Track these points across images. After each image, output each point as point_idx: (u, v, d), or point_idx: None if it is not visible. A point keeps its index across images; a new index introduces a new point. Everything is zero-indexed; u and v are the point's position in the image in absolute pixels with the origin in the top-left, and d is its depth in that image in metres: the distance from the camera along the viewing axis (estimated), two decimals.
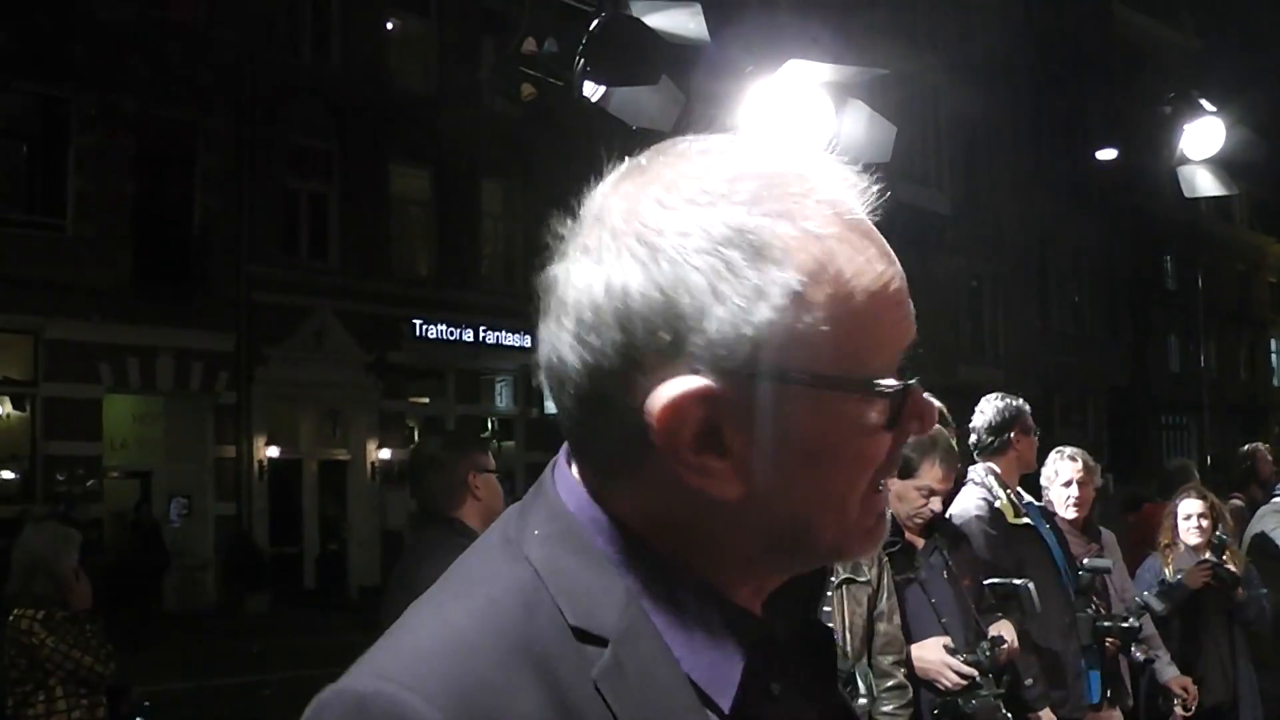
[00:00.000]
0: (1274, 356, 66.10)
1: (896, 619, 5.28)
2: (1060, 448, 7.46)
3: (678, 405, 1.27)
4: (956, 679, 5.38)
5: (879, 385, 1.31)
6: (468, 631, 1.28)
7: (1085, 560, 6.84)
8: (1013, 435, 6.73)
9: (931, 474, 5.65)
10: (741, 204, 1.28)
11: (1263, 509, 9.48)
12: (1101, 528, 7.63)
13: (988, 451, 6.77)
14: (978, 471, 6.76)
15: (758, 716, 1.33)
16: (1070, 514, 7.23)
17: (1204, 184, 10.32)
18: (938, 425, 6.11)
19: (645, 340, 1.27)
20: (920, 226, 38.16)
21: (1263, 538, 9.00)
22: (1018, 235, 43.37)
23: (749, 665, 1.32)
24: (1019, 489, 6.91)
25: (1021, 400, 6.89)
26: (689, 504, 1.32)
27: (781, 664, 1.38)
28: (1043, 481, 7.37)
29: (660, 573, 1.33)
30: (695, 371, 1.27)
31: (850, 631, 5.11)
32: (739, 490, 1.31)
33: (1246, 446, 11.74)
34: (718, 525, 1.34)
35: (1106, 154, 18.67)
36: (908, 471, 5.68)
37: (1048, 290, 46.73)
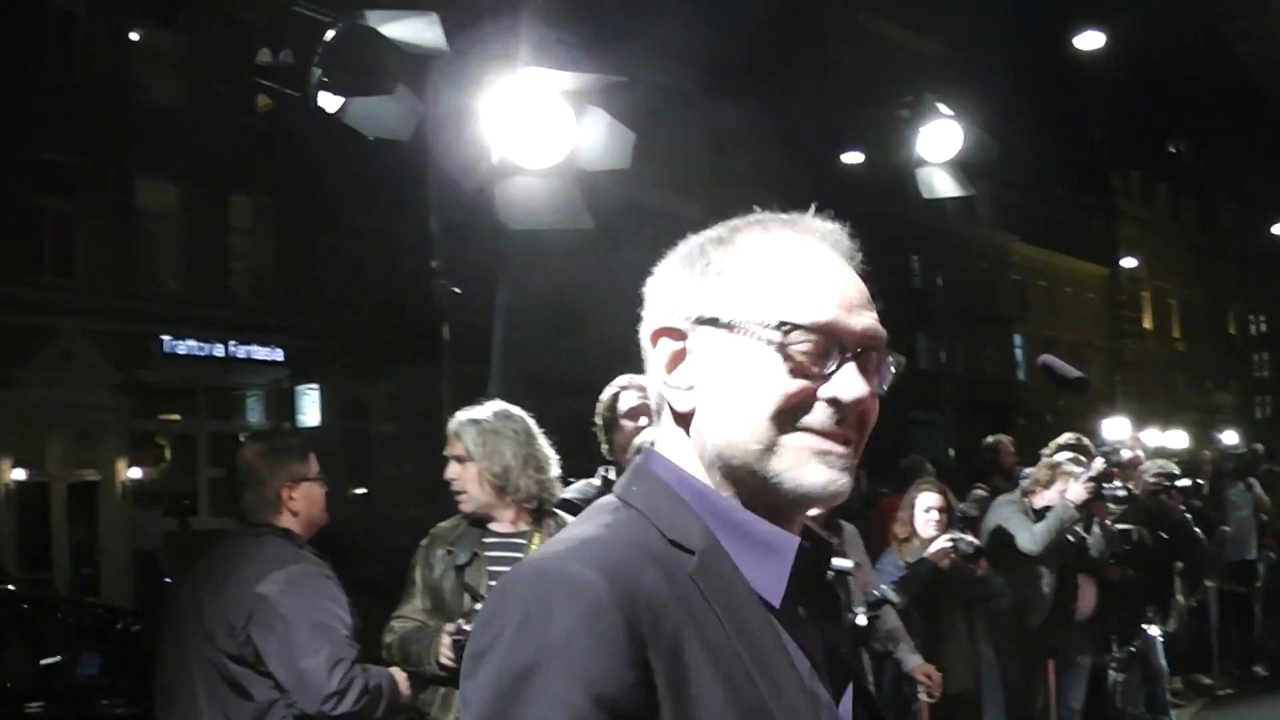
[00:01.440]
0: (1018, 352, 67.82)
1: None
2: None
3: (656, 332, 2.14)
4: None
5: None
6: (603, 536, 1.87)
7: (836, 562, 6.95)
8: None
9: None
10: None
11: (999, 499, 9.76)
12: (842, 522, 7.75)
13: None
14: None
15: (793, 622, 1.93)
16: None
17: (941, 185, 10.52)
18: None
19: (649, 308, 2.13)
20: (671, 233, 38.41)
21: (1001, 530, 9.25)
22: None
23: (790, 580, 1.92)
24: None
25: None
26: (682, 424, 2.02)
27: (805, 599, 1.98)
28: None
29: (721, 511, 1.93)
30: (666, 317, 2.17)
31: None
32: (690, 404, 2.01)
33: (990, 439, 12.06)
34: (716, 461, 1.96)
35: (852, 158, 18.92)
36: None
37: None
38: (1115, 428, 16.03)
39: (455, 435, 5.56)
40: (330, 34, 6.62)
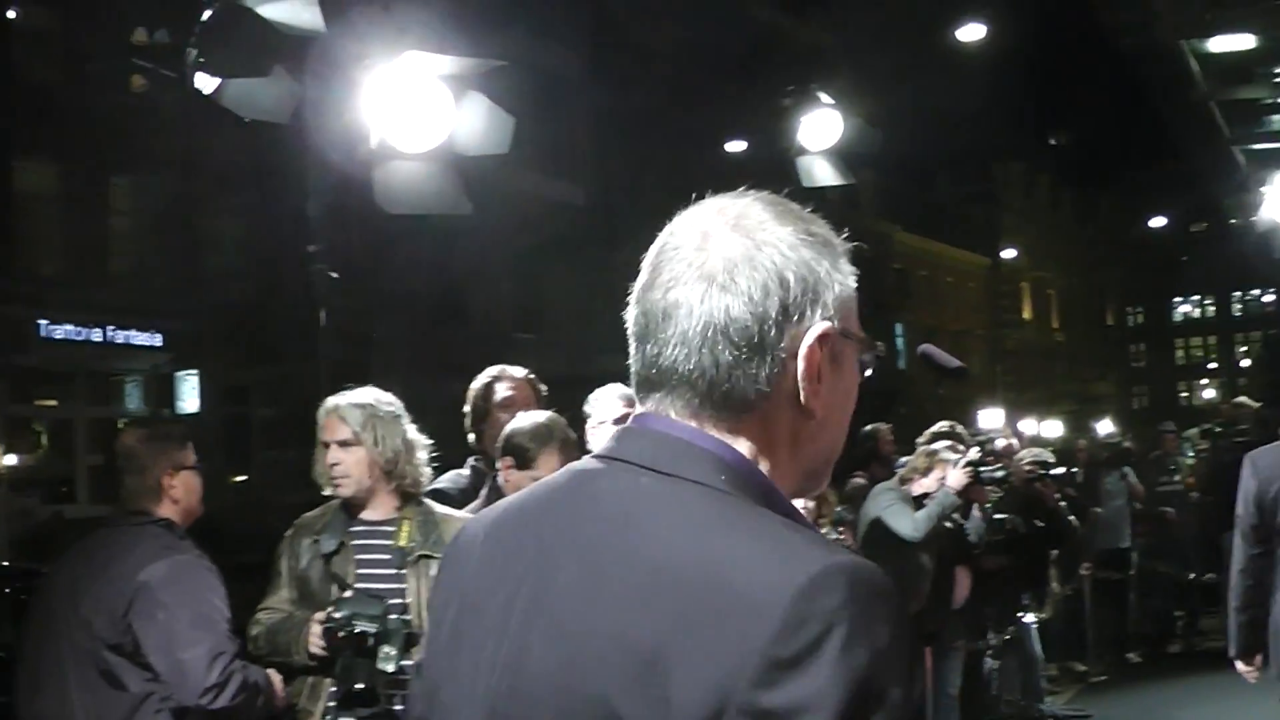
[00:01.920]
0: (899, 341, 68.41)
1: None
2: None
3: (825, 335, 1.89)
4: None
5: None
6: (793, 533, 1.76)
7: None
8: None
9: (550, 464, 5.61)
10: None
11: (877, 487, 9.82)
12: None
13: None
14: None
15: None
16: None
17: (822, 174, 10.58)
18: (553, 414, 6.15)
19: (797, 298, 1.87)
20: (554, 218, 38.42)
21: (880, 518, 9.31)
22: (650, 225, 43.79)
23: None
24: None
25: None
26: (790, 426, 1.91)
27: None
28: None
29: (768, 489, 1.86)
30: (828, 319, 1.90)
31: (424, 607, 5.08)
32: (822, 412, 1.92)
33: (868, 427, 12.13)
34: (801, 447, 1.93)
35: (735, 145, 18.96)
36: (525, 462, 5.71)
37: None
38: (990, 417, 16.20)
39: (340, 419, 5.45)
40: (207, 14, 6.53)
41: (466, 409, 6.70)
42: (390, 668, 5.01)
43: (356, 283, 25.02)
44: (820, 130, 10.45)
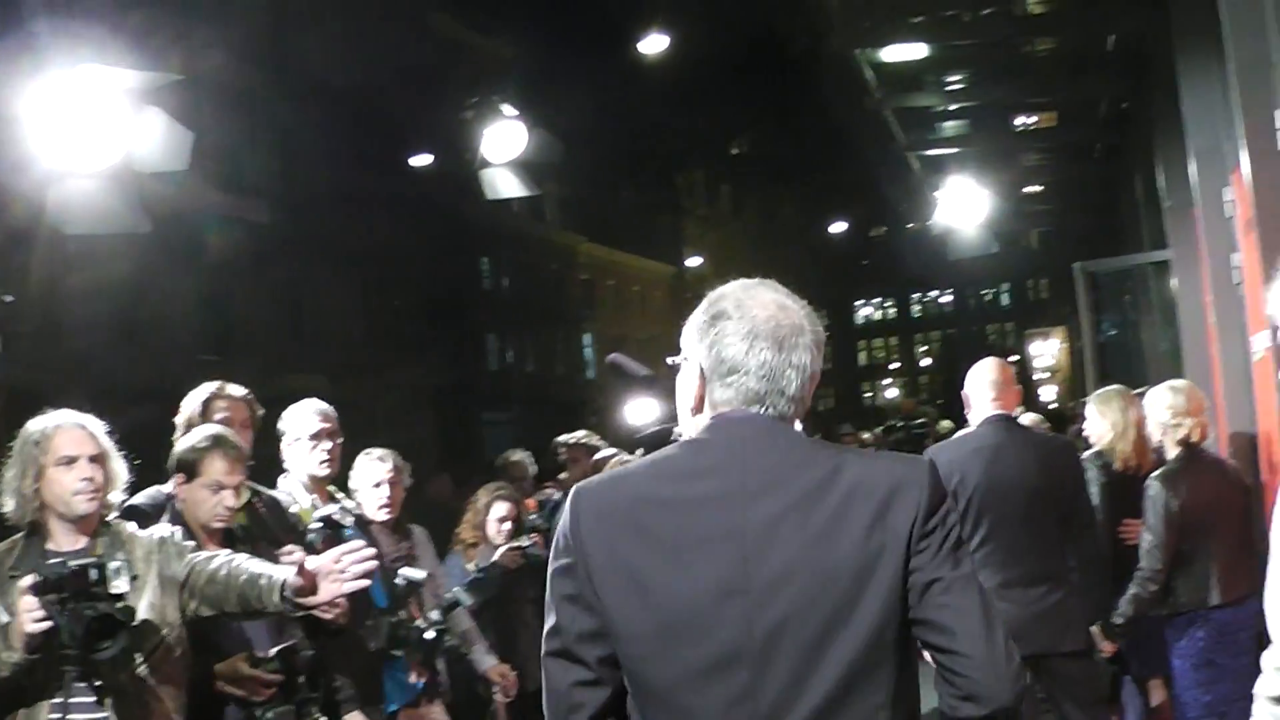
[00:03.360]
0: (588, 351, 68.84)
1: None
2: (369, 450, 7.50)
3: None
4: (263, 690, 5.35)
5: None
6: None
7: (401, 570, 6.92)
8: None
9: (215, 468, 5.63)
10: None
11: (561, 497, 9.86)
12: (412, 525, 7.75)
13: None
14: (286, 479, 6.82)
15: None
16: (382, 515, 7.31)
17: (506, 186, 10.61)
18: (218, 426, 6.07)
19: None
20: (240, 236, 37.77)
21: None
22: (338, 243, 43.47)
23: None
24: (332, 490, 6.99)
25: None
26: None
27: None
28: (351, 484, 7.39)
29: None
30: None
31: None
32: None
33: (561, 437, 12.21)
34: None
35: (422, 160, 18.89)
36: (192, 473, 5.62)
37: (369, 296, 47.07)
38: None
39: (91, 435, 5.21)
40: None
41: (180, 423, 6.52)
42: (125, 587, 4.82)
43: (34, 306, 24.34)
44: (503, 142, 10.48)
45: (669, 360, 3.41)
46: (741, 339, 3.12)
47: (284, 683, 5.38)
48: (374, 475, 7.34)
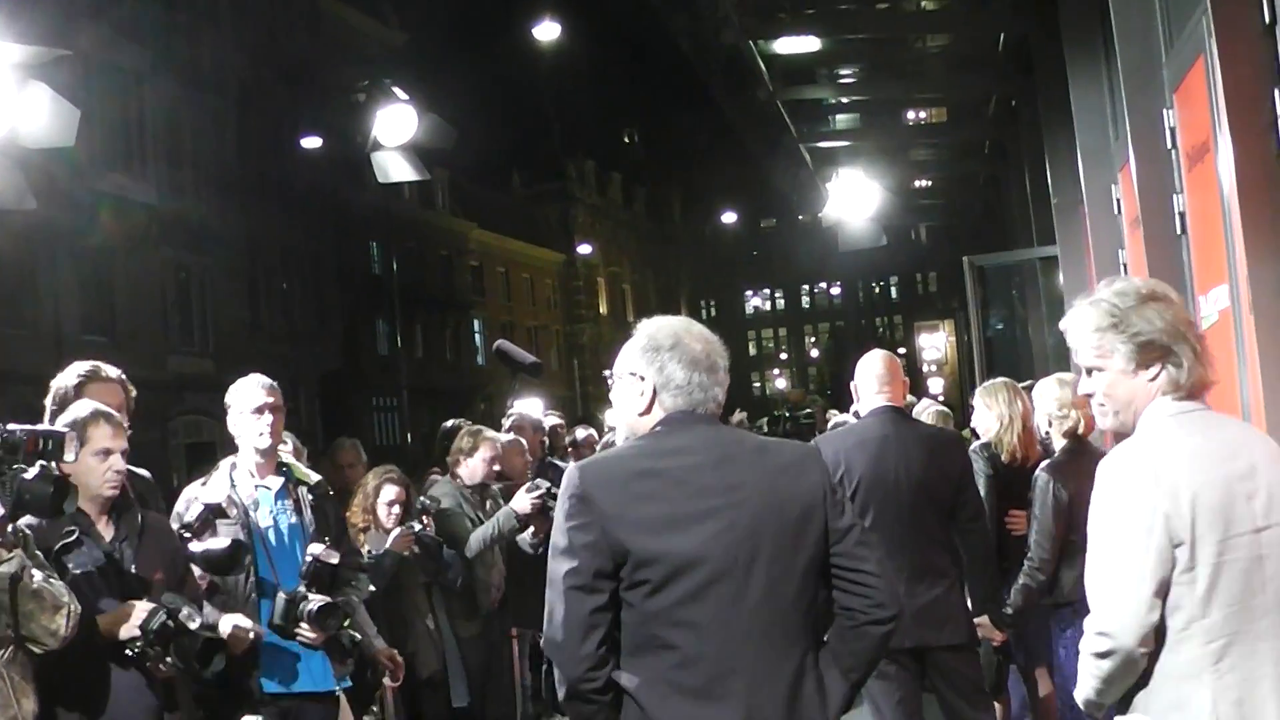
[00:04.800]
0: (478, 337, 68.71)
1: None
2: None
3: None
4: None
5: None
6: None
7: (313, 548, 6.84)
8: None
9: (101, 434, 5.58)
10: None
11: (444, 480, 9.80)
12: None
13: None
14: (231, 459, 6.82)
15: None
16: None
17: (397, 170, 10.55)
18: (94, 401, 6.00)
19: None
20: (125, 216, 37.34)
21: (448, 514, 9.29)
22: (226, 225, 43.10)
23: None
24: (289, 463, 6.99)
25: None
26: None
27: None
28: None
29: None
30: None
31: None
32: None
33: (448, 423, 12.13)
34: None
35: (311, 143, 18.69)
36: (79, 444, 5.54)
37: (257, 280, 46.71)
38: (529, 405, 16.22)
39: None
40: None
41: (50, 404, 6.39)
42: None
43: None
44: (394, 125, 10.40)
45: (605, 374, 3.89)
46: (684, 367, 4.17)
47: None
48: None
